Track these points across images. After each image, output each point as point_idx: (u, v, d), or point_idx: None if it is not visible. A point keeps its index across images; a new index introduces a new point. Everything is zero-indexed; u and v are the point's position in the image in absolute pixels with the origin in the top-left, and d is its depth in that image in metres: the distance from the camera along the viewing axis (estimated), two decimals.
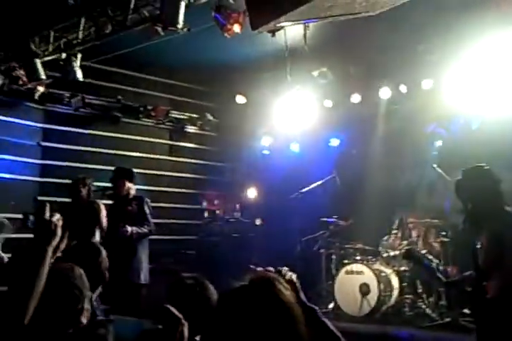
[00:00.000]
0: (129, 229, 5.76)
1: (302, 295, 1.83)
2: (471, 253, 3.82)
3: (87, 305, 2.23)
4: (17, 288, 1.91)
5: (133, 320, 1.66)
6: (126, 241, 5.77)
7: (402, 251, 6.57)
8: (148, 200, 6.26)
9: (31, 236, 2.04)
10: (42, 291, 1.90)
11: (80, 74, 6.20)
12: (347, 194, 8.10)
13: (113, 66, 7.74)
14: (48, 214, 2.03)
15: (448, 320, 6.09)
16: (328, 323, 1.92)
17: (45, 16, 5.88)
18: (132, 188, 6.25)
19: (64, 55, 6.12)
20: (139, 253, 5.97)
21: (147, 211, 6.08)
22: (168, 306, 1.76)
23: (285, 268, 1.95)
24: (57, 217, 2.02)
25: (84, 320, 2.12)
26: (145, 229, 5.93)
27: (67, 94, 7.44)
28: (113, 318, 1.63)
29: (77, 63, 6.15)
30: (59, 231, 2.00)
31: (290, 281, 1.90)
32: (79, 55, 6.15)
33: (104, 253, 3.10)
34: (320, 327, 1.90)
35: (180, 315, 1.70)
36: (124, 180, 6.19)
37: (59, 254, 2.15)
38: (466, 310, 5.94)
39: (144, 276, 5.92)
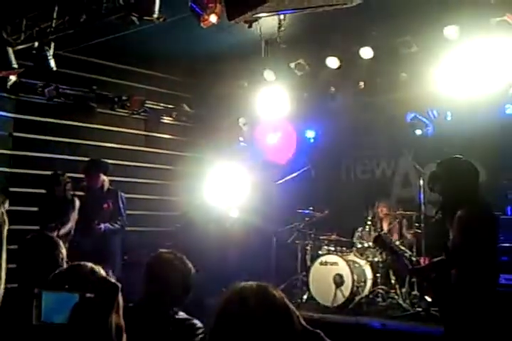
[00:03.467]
0: (102, 226, 5.75)
1: (304, 322, 1.90)
2: (443, 243, 3.90)
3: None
4: None
5: (64, 294, 1.62)
6: (99, 237, 5.76)
7: (373, 235, 6.66)
8: (123, 194, 6.22)
9: None
10: None
11: (53, 64, 6.08)
12: (322, 185, 8.16)
13: (88, 55, 7.62)
14: None
15: (419, 310, 6.20)
16: None
17: (17, 4, 5.76)
18: (106, 181, 6.21)
19: (37, 44, 6.00)
20: (111, 248, 5.96)
21: (121, 205, 6.06)
22: (101, 275, 1.77)
23: None
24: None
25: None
26: (117, 225, 5.93)
27: (40, 84, 7.30)
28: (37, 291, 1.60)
29: (50, 52, 6.03)
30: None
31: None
32: (52, 44, 6.03)
33: (61, 245, 3.07)
34: None
35: (116, 282, 1.68)
36: (99, 172, 6.15)
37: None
38: (427, 298, 6.05)
39: (117, 270, 5.92)
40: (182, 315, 2.78)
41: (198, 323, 2.74)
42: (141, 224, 7.87)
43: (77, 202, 6.12)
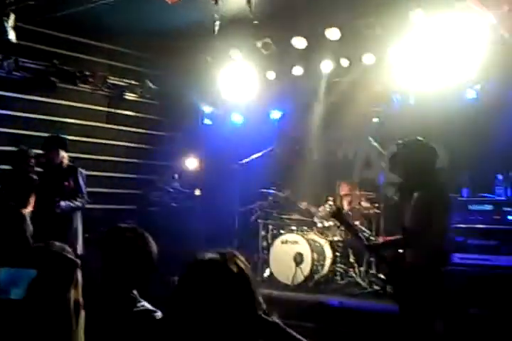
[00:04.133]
0: (63, 204, 5.67)
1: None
2: (400, 223, 4.01)
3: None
4: None
5: (21, 270, 1.61)
6: (60, 215, 5.68)
7: (330, 209, 6.75)
8: (83, 171, 6.13)
9: None
10: None
11: (12, 36, 5.93)
12: (286, 165, 8.21)
13: (50, 29, 7.40)
14: None
15: (377, 288, 6.37)
16: (294, 333, 1.98)
17: None
18: (66, 157, 6.09)
19: None
20: (73, 226, 5.89)
21: (81, 182, 5.98)
22: (59, 251, 1.74)
23: None
24: None
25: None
26: (78, 203, 5.85)
27: None
28: None
29: (9, 24, 5.86)
30: None
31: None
32: (12, 16, 5.86)
33: (28, 220, 3.04)
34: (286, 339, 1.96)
35: (74, 258, 1.69)
36: (58, 148, 6.02)
37: None
38: (381, 276, 6.23)
39: (79, 248, 5.87)
40: (143, 305, 2.57)
41: (158, 316, 2.54)
42: (103, 202, 7.79)
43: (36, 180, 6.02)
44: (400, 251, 4.02)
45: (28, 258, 1.86)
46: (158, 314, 2.49)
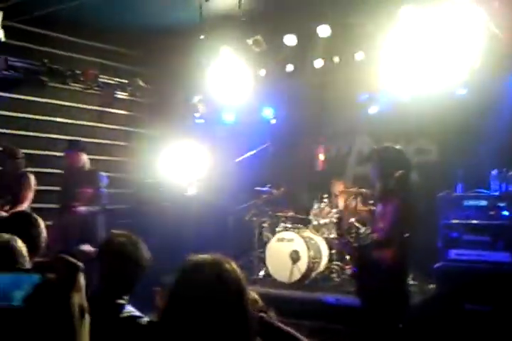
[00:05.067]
0: (82, 209, 5.72)
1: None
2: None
3: None
4: None
5: (20, 275, 1.58)
6: (81, 218, 5.71)
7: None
8: (103, 173, 6.21)
9: None
10: None
11: (1, 34, 5.85)
12: (280, 163, 8.20)
13: (39, 27, 7.31)
14: None
15: None
16: (291, 331, 1.99)
17: None
18: (87, 160, 6.21)
19: None
20: (93, 229, 5.91)
21: (101, 186, 6.04)
22: (62, 255, 1.72)
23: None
24: None
25: None
26: (97, 207, 5.91)
27: None
28: None
29: None
30: None
31: (253, 300, 1.97)
32: (0, 13, 5.78)
33: (42, 224, 2.99)
34: (276, 333, 1.96)
35: (77, 262, 1.67)
36: (79, 151, 6.14)
37: None
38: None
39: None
40: (128, 311, 2.57)
41: (144, 321, 2.53)
42: None
43: (32, 179, 5.99)
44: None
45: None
46: (145, 319, 2.48)
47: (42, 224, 2.99)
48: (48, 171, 7.22)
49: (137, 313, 2.55)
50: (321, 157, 7.90)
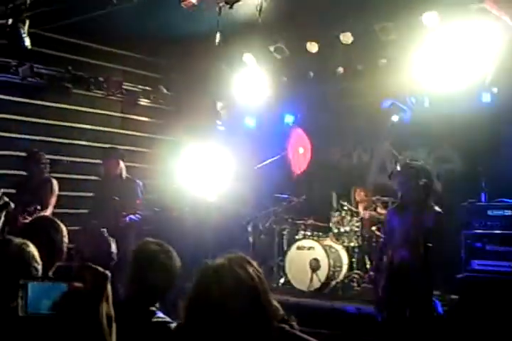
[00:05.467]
0: (128, 218, 5.76)
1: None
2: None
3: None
4: None
5: (51, 284, 1.58)
6: (123, 227, 5.73)
7: None
8: (140, 182, 6.23)
9: None
10: None
11: (28, 42, 5.92)
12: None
13: (64, 35, 7.42)
14: None
15: None
16: (303, 336, 1.97)
17: None
18: (124, 168, 6.22)
19: (11, 21, 5.82)
20: (129, 238, 5.92)
21: (139, 194, 6.08)
22: (89, 263, 1.72)
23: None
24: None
25: None
26: (138, 215, 5.94)
27: (14, 63, 7.10)
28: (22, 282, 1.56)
29: (24, 30, 5.86)
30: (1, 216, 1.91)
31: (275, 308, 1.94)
32: (27, 22, 5.86)
33: (64, 229, 3.01)
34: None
35: (105, 271, 1.66)
36: (117, 159, 6.15)
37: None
38: None
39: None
40: (160, 316, 2.61)
41: (173, 326, 2.53)
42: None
43: (55, 184, 6.04)
44: None
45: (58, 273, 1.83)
46: (174, 324, 2.49)
47: (64, 229, 3.01)
48: (72, 177, 7.31)
49: (168, 319, 2.59)
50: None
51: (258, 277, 1.67)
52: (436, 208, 4.46)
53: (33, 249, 2.21)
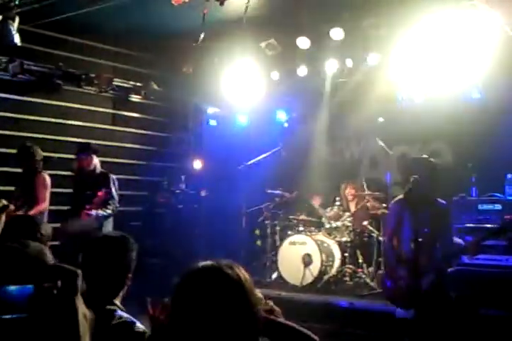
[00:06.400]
0: (94, 212, 5.71)
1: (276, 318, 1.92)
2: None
3: None
4: None
5: (13, 288, 1.58)
6: (91, 222, 5.71)
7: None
8: (115, 177, 6.21)
9: None
10: None
11: (17, 39, 5.88)
12: (292, 166, 8.19)
13: (54, 31, 7.39)
14: None
15: None
16: (285, 322, 1.97)
17: None
18: (98, 163, 6.22)
19: (0, 18, 5.78)
20: (103, 232, 5.90)
21: (113, 189, 6.05)
22: (56, 263, 1.72)
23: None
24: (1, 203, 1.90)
25: None
26: (109, 210, 5.90)
27: (4, 59, 7.05)
28: None
29: (14, 26, 5.83)
30: (3, 218, 1.89)
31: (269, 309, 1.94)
32: (17, 18, 5.83)
33: (45, 227, 2.99)
34: (280, 329, 1.95)
35: (76, 269, 1.66)
36: (91, 154, 6.14)
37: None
38: None
39: None
40: (120, 317, 2.32)
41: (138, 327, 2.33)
42: None
43: (48, 179, 6.02)
44: None
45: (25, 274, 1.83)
46: (138, 325, 2.32)
47: (45, 227, 3.00)
48: (63, 174, 7.28)
49: (130, 319, 2.36)
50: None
51: (241, 276, 1.66)
52: (443, 201, 4.54)
53: (48, 252, 2.22)
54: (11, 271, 1.88)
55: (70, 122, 7.91)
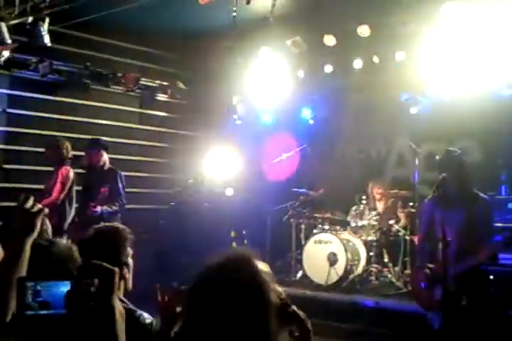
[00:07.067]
0: (99, 209, 5.75)
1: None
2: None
3: None
4: None
5: (52, 282, 1.58)
6: (97, 218, 5.74)
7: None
8: (122, 174, 6.25)
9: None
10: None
11: (47, 39, 5.99)
12: (318, 164, 8.16)
13: (83, 31, 7.50)
14: (29, 205, 1.88)
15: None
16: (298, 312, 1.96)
17: None
18: (107, 160, 6.27)
19: (31, 19, 5.90)
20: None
21: (120, 185, 6.09)
22: (94, 261, 1.72)
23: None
24: (37, 207, 1.90)
25: None
26: (115, 207, 5.93)
27: (34, 60, 7.19)
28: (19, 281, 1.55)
29: (44, 28, 5.93)
30: (38, 224, 1.89)
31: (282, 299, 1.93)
32: (47, 19, 5.93)
33: (46, 222, 3.01)
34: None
35: (113, 267, 1.67)
36: (102, 150, 6.20)
37: None
38: None
39: None
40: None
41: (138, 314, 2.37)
42: (135, 202, 7.84)
43: (65, 172, 6.10)
44: None
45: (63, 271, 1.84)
46: (139, 313, 2.37)
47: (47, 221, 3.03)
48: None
49: (132, 307, 2.40)
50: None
51: (257, 268, 1.62)
52: (485, 196, 4.31)
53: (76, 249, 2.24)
54: (43, 268, 1.91)
55: (97, 121, 8.03)
